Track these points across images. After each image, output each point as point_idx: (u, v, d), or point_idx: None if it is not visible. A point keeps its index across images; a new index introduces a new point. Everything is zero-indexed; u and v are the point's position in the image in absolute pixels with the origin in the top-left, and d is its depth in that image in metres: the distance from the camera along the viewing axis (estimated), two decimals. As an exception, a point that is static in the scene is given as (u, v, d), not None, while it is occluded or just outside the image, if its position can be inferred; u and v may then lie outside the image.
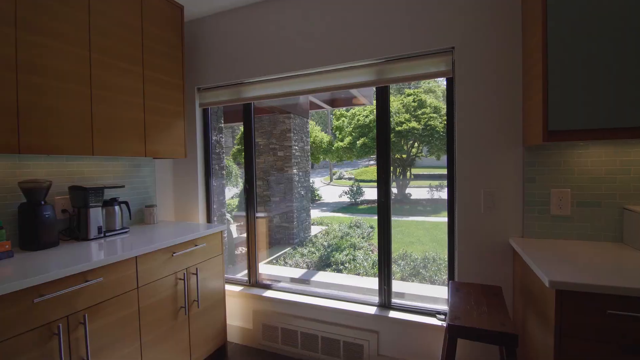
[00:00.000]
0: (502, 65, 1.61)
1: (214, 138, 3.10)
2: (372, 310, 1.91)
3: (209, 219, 2.49)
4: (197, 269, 1.84)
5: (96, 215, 1.75)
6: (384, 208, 1.94)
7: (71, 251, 1.50)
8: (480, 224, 1.66)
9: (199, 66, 2.38)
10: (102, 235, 1.77)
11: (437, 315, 1.78)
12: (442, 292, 2.93)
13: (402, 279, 4.06)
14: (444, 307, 1.84)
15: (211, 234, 1.97)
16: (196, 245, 1.85)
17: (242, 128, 2.46)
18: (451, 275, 1.79)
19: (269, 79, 2.18)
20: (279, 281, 2.38)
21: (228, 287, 2.30)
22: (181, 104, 2.14)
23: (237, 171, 7.05)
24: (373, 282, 3.17)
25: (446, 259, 4.26)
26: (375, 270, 4.00)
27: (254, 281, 2.34)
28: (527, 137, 1.50)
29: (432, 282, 3.86)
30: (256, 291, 2.24)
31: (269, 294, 2.19)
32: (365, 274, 4.01)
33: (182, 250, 1.76)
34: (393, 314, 1.86)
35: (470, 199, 1.68)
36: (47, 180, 1.60)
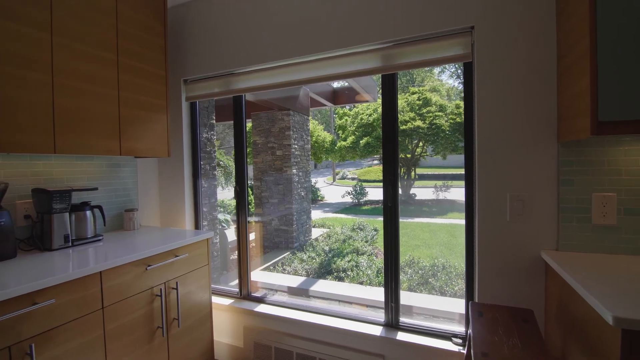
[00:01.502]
0: (531, 47, 1.36)
1: (204, 135, 2.88)
2: (377, 330, 1.67)
3: (197, 224, 2.26)
4: (177, 282, 1.62)
5: (62, 222, 1.54)
6: (391, 214, 1.70)
7: (28, 264, 1.28)
8: (506, 234, 1.41)
9: (186, 56, 2.15)
10: (69, 244, 1.56)
11: (454, 339, 1.53)
12: (454, 305, 2.68)
13: (410, 289, 3.78)
14: (461, 329, 1.59)
15: (195, 242, 1.75)
16: (176, 256, 1.63)
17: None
18: (470, 294, 1.54)
19: (262, 68, 1.95)
20: (275, 291, 2.16)
21: (216, 299, 2.07)
22: (164, 97, 1.92)
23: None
24: (377, 293, 2.92)
25: (457, 266, 4.02)
26: (380, 278, 3.74)
27: (245, 293, 2.11)
28: (564, 130, 1.25)
29: (443, 293, 3.58)
30: (247, 305, 2.01)
31: (261, 308, 1.96)
32: (369, 282, 3.75)
33: (158, 262, 1.53)
34: (401, 335, 1.62)
35: (493, 204, 1.43)
36: (3, 182, 1.39)
